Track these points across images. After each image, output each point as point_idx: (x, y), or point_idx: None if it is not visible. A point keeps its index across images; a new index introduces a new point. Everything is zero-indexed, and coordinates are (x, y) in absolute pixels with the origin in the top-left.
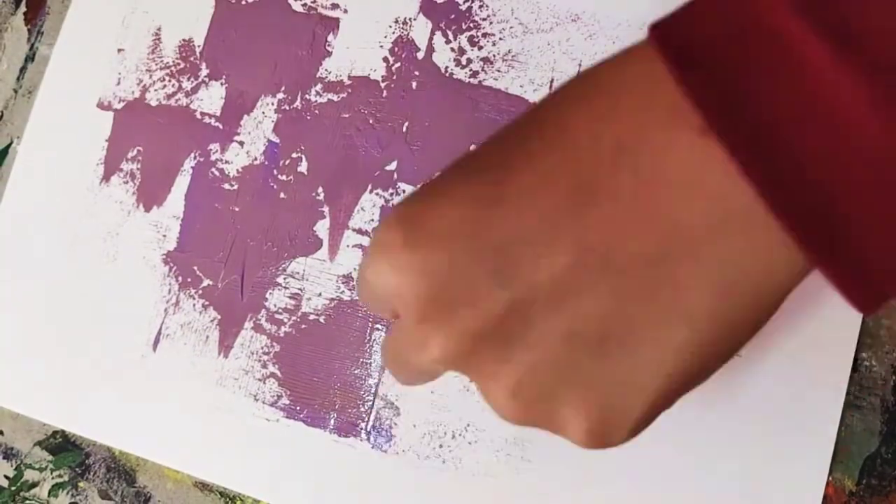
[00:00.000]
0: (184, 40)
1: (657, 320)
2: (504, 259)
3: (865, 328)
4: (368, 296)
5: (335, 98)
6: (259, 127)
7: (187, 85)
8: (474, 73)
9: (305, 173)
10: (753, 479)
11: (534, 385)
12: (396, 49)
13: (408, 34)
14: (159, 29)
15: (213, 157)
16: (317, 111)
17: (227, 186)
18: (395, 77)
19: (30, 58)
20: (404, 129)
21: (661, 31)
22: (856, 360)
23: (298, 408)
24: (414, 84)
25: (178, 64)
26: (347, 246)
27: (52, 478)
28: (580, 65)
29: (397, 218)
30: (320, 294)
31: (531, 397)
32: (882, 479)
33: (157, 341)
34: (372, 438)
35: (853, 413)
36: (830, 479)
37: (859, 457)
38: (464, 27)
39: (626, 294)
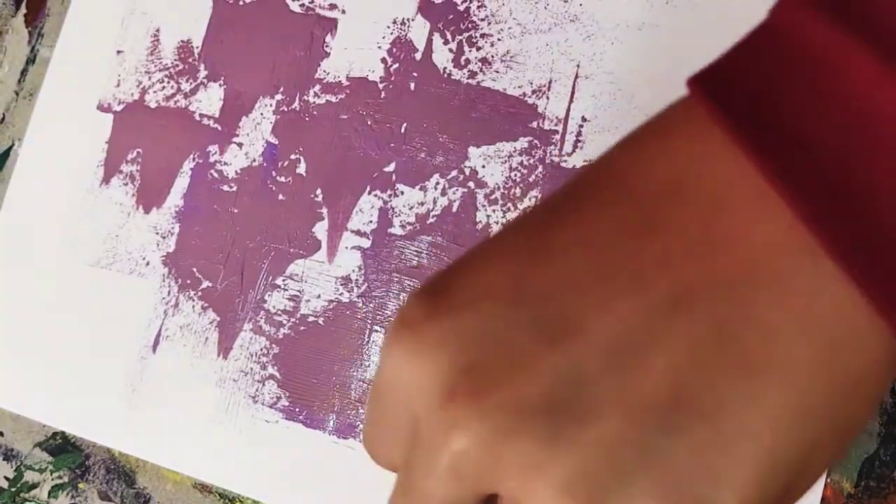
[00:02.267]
0: (182, 41)
1: (744, 374)
2: (548, 313)
3: None
4: (378, 419)
5: (333, 99)
6: (257, 128)
7: (186, 86)
8: (472, 74)
9: (304, 175)
10: None
11: (593, 474)
12: (394, 50)
13: (406, 35)
14: (158, 30)
15: (211, 159)
16: (315, 112)
17: (225, 188)
18: (393, 78)
19: (31, 60)
20: (402, 130)
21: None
22: None
23: (297, 409)
24: (412, 85)
25: (177, 65)
26: (346, 248)
27: (52, 479)
28: (578, 65)
29: (421, 290)
30: (319, 296)
31: (590, 492)
32: (880, 481)
33: (156, 343)
34: None
35: None
36: (828, 481)
37: (857, 458)
38: (462, 28)
39: (702, 342)
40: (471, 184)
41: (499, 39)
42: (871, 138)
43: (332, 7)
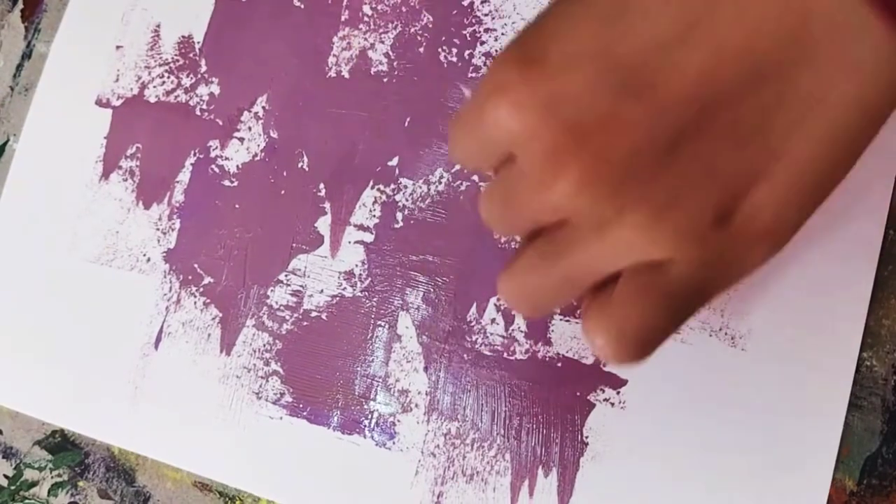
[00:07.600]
0: (183, 37)
1: (800, 104)
2: (637, 70)
3: (867, 328)
4: (472, 145)
5: (336, 93)
6: (259, 123)
7: (186, 81)
8: (476, 69)
9: (306, 169)
10: (757, 479)
11: (689, 194)
12: (398, 44)
13: (410, 29)
14: (158, 25)
15: (212, 154)
16: (317, 106)
17: (227, 183)
18: (396, 72)
19: (26, 55)
20: (406, 124)
21: None
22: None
23: (301, 405)
24: (415, 79)
25: (178, 60)
26: (349, 242)
27: (52, 477)
28: None
29: (512, 53)
30: (322, 291)
31: (685, 213)
32: (883, 479)
33: (158, 339)
34: (375, 436)
35: (854, 413)
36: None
37: (860, 456)
38: (466, 22)
39: (766, 78)
40: (475, 177)
41: (503, 34)
42: None
43: (336, 1)
